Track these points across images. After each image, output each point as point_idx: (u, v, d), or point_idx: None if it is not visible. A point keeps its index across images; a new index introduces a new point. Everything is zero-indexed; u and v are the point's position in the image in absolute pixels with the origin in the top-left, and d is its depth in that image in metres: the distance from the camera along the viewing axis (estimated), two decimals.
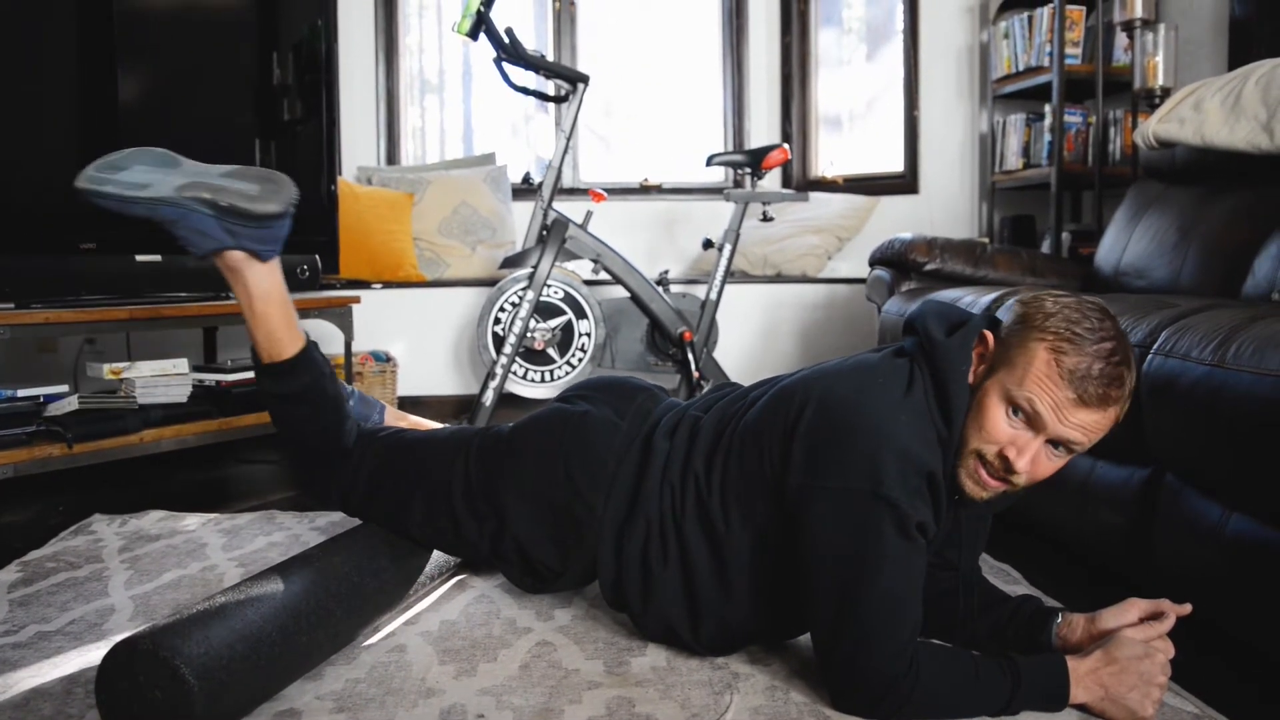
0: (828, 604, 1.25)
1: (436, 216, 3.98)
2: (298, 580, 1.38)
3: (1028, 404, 1.24)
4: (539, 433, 1.57)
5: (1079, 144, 3.68)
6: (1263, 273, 2.22)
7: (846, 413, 1.28)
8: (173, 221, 1.45)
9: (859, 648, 1.22)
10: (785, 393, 1.38)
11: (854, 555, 1.23)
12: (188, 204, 1.43)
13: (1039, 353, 1.24)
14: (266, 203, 1.45)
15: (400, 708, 1.29)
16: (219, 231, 1.45)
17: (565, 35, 4.46)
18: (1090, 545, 1.84)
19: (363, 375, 3.43)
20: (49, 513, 2.31)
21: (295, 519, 2.22)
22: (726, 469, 1.40)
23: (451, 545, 1.63)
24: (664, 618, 1.44)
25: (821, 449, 1.28)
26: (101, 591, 1.74)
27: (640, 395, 1.62)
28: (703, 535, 1.41)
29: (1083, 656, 1.29)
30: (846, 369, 1.37)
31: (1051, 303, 1.27)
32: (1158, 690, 1.26)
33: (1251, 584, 1.41)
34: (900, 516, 1.22)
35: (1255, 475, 1.39)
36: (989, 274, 2.89)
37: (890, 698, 1.21)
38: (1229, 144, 2.39)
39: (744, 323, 3.91)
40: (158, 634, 1.18)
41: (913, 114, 4.29)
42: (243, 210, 1.44)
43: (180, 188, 1.44)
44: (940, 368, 1.30)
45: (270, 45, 3.04)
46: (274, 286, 1.53)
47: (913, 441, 1.25)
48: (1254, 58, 2.51)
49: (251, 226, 1.46)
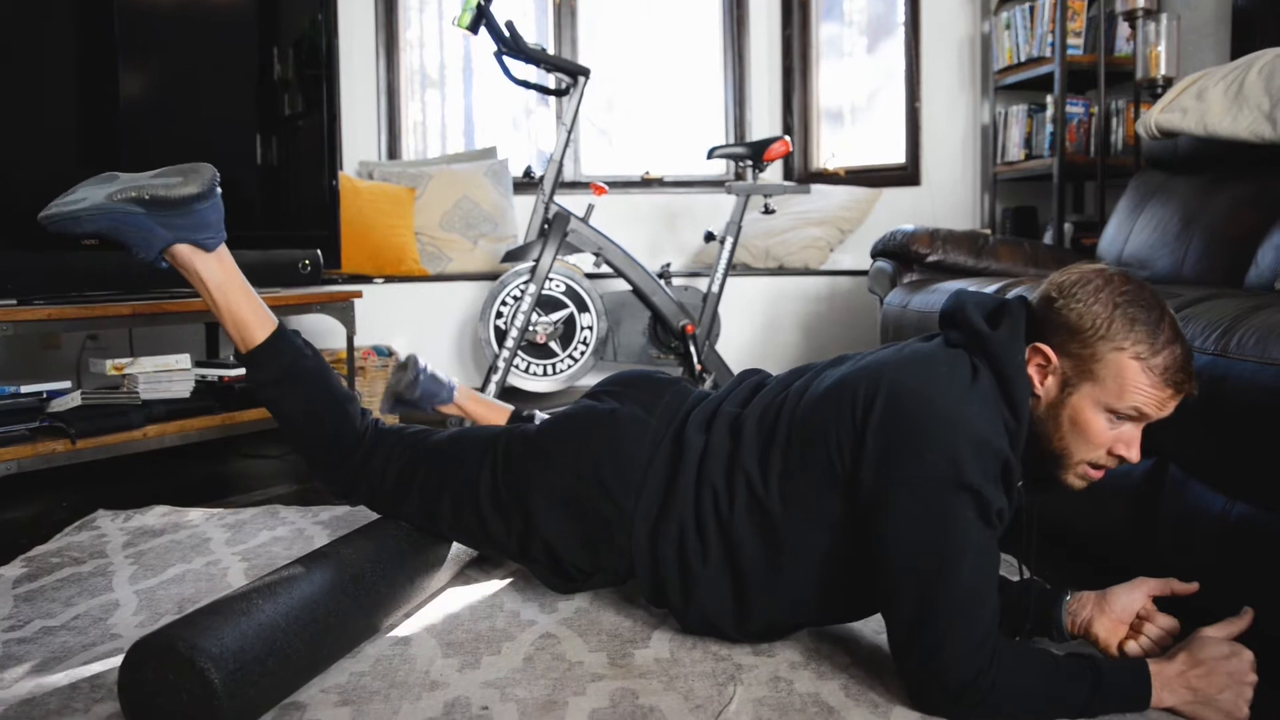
0: (908, 597, 1.23)
1: (438, 211, 3.98)
2: (319, 580, 1.38)
3: (1134, 411, 1.27)
4: (567, 433, 1.55)
5: (1081, 135, 3.67)
6: (1266, 263, 2.21)
7: (920, 404, 1.26)
8: (114, 229, 1.51)
9: (941, 641, 1.20)
10: (845, 387, 1.34)
11: (937, 546, 1.22)
12: (119, 207, 1.50)
13: (1126, 363, 1.25)
14: (185, 187, 1.51)
15: (405, 700, 1.29)
16: (156, 228, 1.51)
17: (566, 28, 4.46)
18: (1093, 537, 1.83)
19: (365, 370, 3.43)
20: (53, 508, 2.32)
21: (299, 513, 2.23)
22: (787, 467, 1.37)
23: (480, 544, 1.63)
24: (708, 614, 1.43)
25: (898, 442, 1.26)
26: (106, 587, 1.75)
27: (669, 390, 1.61)
28: (758, 534, 1.38)
29: (1166, 660, 1.26)
30: (908, 359, 1.34)
31: (1098, 304, 1.27)
32: (1249, 689, 1.24)
33: (1255, 573, 1.41)
34: (983, 503, 1.22)
35: (1258, 465, 1.39)
36: (991, 265, 2.88)
37: (970, 693, 1.19)
38: (1232, 134, 2.38)
39: (746, 315, 3.91)
40: (190, 634, 1.17)
41: (914, 106, 4.28)
42: (164, 198, 1.50)
43: (111, 194, 1.50)
44: (998, 361, 1.29)
45: (271, 40, 3.03)
46: (227, 275, 1.58)
47: (986, 428, 1.24)
48: (1256, 47, 2.51)
49: (180, 214, 1.51)
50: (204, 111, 2.88)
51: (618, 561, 1.50)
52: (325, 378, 1.62)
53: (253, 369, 1.59)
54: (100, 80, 2.61)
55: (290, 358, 1.58)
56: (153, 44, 2.74)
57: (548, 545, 1.52)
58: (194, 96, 2.87)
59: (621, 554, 1.49)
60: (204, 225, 1.54)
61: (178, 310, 2.57)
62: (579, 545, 1.51)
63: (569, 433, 1.54)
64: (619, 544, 1.48)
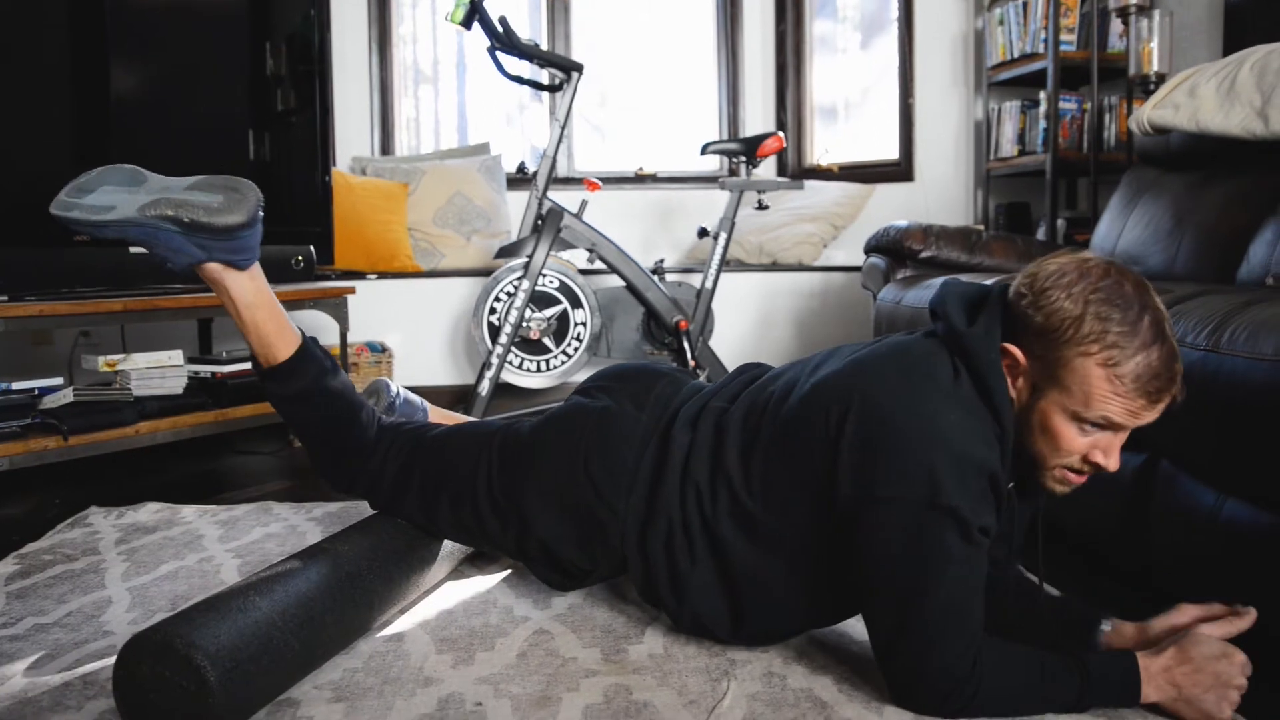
0: (888, 610, 1.22)
1: (431, 206, 3.97)
2: (316, 578, 1.37)
3: (1102, 420, 1.20)
4: (559, 433, 1.53)
5: (1074, 131, 3.68)
6: (1258, 258, 2.22)
7: (894, 417, 1.22)
8: (144, 242, 1.44)
9: (923, 653, 1.19)
10: (822, 392, 1.31)
11: (916, 565, 1.19)
12: (153, 223, 1.42)
13: (1092, 370, 1.18)
14: (230, 214, 1.44)
15: (398, 697, 1.29)
16: (190, 247, 1.44)
17: (559, 24, 4.45)
18: (1087, 533, 1.84)
19: (358, 366, 3.43)
20: (45, 505, 2.31)
21: (292, 510, 2.22)
22: (767, 468, 1.35)
23: (479, 543, 1.63)
24: (700, 615, 1.41)
25: (872, 458, 1.22)
26: (98, 584, 1.74)
27: (660, 382, 1.58)
28: (743, 536, 1.36)
29: (1155, 653, 1.23)
30: (884, 361, 1.30)
31: (1069, 300, 1.19)
32: (1235, 693, 1.20)
33: (1247, 568, 1.41)
34: (963, 523, 1.18)
35: (1249, 460, 1.40)
36: (984, 261, 2.89)
37: (954, 698, 1.19)
38: (1224, 130, 2.39)
39: (740, 311, 3.91)
40: (186, 630, 1.17)
41: (908, 102, 4.29)
42: (206, 225, 1.43)
43: (144, 206, 1.42)
44: (974, 360, 1.24)
45: (263, 36, 3.02)
46: (257, 293, 1.51)
47: (968, 441, 1.19)
48: (1248, 43, 2.50)
49: (220, 239, 1.45)
50: (196, 107, 2.87)
51: (615, 559, 1.50)
52: (345, 394, 1.58)
53: (272, 384, 1.54)
54: (92, 76, 2.61)
55: (313, 375, 1.54)
56: (145, 39, 2.73)
57: (544, 545, 1.52)
58: (186, 92, 2.86)
59: (615, 553, 1.48)
60: (243, 249, 1.47)
61: (170, 306, 2.56)
62: (575, 545, 1.50)
63: (560, 433, 1.53)
64: (613, 544, 1.47)
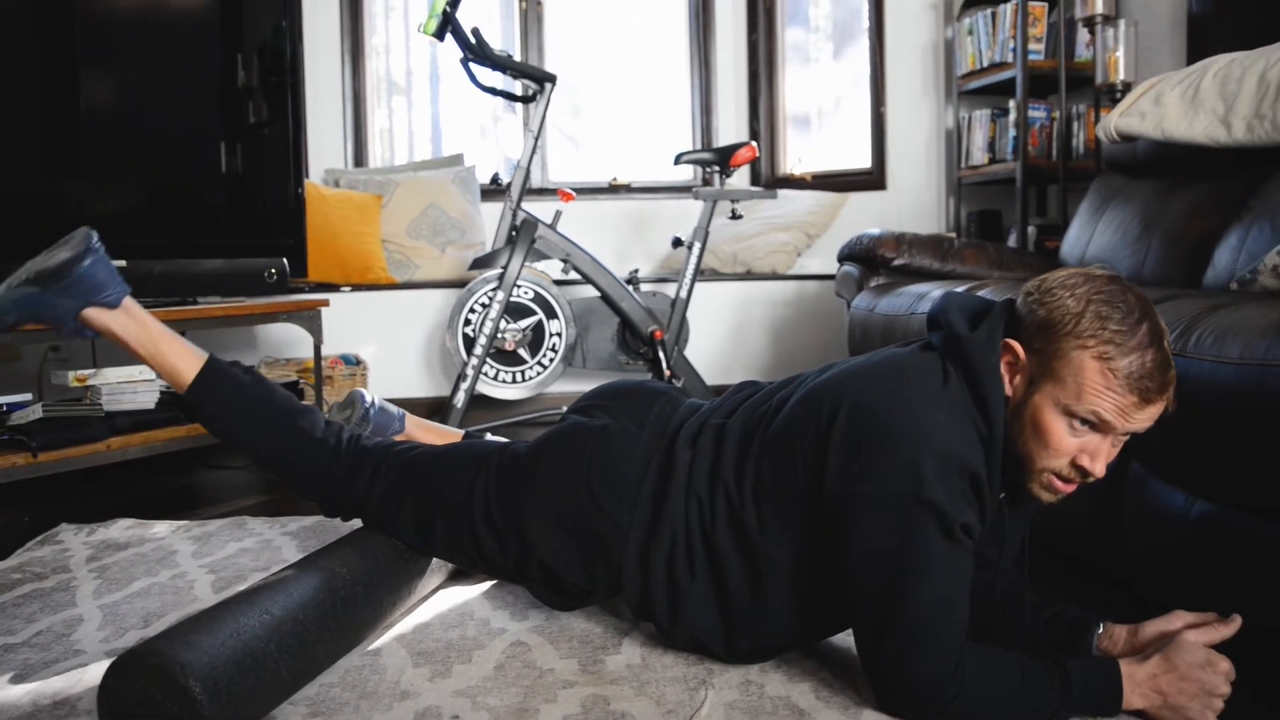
0: (871, 610, 1.23)
1: (405, 218, 3.96)
2: (313, 606, 1.36)
3: (1093, 416, 1.21)
4: (559, 452, 1.52)
5: (1043, 139, 3.72)
6: (1223, 263, 2.25)
7: (881, 416, 1.24)
8: (30, 315, 1.53)
9: (905, 652, 1.19)
10: (814, 397, 1.33)
11: (898, 561, 1.20)
12: (17, 293, 1.53)
13: (1086, 363, 1.20)
14: (59, 252, 1.53)
15: (375, 711, 1.29)
16: (55, 302, 1.53)
17: (532, 35, 4.46)
18: (1060, 535, 1.86)
19: (333, 379, 3.41)
20: (14, 523, 2.28)
21: (266, 524, 2.20)
22: (759, 476, 1.36)
23: (476, 566, 1.61)
24: (695, 631, 1.40)
25: (858, 456, 1.24)
26: (69, 602, 1.72)
27: (659, 400, 1.58)
28: (736, 545, 1.36)
29: (1140, 661, 1.24)
30: (876, 367, 1.33)
31: (1072, 299, 1.22)
32: (1219, 701, 1.21)
33: (1215, 568, 1.43)
34: (944, 520, 1.19)
35: (1216, 462, 1.42)
36: (956, 268, 2.91)
37: (936, 700, 1.19)
38: (1188, 137, 2.42)
39: (714, 320, 3.92)
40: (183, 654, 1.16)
41: (879, 111, 4.32)
42: (45, 270, 1.52)
43: (9, 284, 1.54)
44: (970, 363, 1.26)
45: (234, 47, 3.01)
46: (140, 325, 1.58)
47: (952, 441, 1.21)
48: (1211, 52, 2.55)
49: (66, 281, 1.51)
50: (167, 119, 2.85)
51: (615, 577, 1.47)
52: (268, 399, 1.60)
53: (194, 409, 1.59)
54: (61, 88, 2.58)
55: (226, 386, 1.58)
56: (115, 51, 2.71)
57: (545, 565, 1.50)
58: (157, 104, 2.84)
59: (616, 571, 1.46)
60: (96, 285, 1.53)
61: None
62: (577, 563, 1.49)
63: (561, 453, 1.51)
64: (614, 560, 1.46)
